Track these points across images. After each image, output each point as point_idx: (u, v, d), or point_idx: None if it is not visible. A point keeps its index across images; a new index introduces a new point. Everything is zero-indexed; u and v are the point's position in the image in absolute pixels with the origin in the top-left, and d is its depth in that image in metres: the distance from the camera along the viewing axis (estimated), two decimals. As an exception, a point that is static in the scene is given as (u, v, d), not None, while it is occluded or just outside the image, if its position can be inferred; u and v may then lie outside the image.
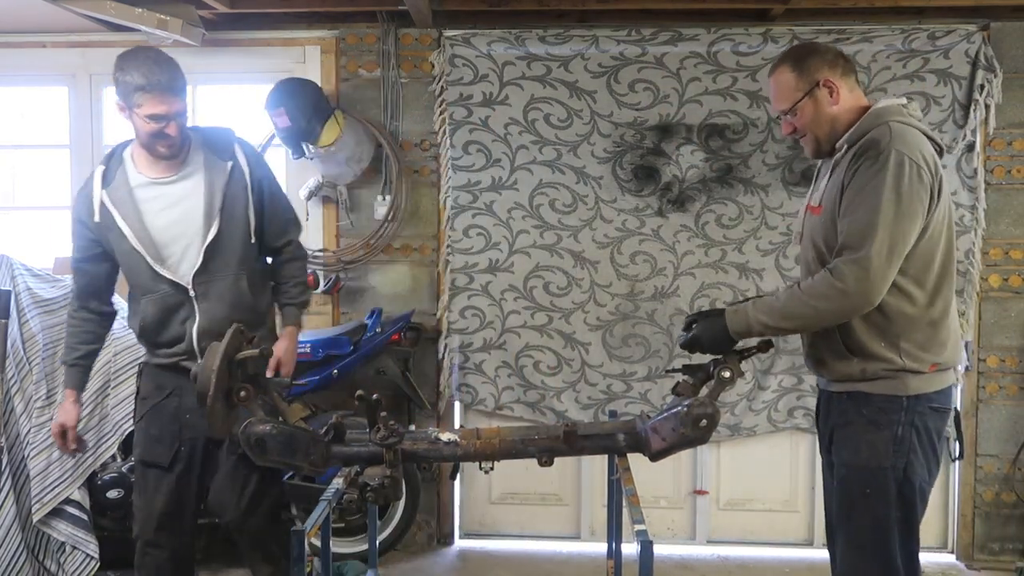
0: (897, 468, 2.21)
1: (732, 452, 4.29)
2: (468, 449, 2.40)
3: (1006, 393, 4.06)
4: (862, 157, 2.16)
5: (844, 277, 2.12)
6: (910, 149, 2.14)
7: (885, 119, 2.21)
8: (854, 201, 2.15)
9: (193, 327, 2.70)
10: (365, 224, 4.22)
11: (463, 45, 4.13)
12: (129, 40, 4.16)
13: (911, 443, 2.21)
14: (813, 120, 2.32)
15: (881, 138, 2.15)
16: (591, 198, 4.16)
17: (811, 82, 2.29)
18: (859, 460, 2.25)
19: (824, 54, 2.34)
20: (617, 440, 2.43)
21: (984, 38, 3.95)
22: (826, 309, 2.16)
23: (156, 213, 2.68)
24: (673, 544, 4.30)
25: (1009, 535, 4.11)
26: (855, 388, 2.27)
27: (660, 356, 4.18)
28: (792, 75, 2.32)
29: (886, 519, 2.22)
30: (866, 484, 2.24)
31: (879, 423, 2.22)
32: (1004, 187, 4.06)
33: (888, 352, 2.21)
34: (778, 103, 2.37)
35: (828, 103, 2.30)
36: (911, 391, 2.21)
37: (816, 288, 2.17)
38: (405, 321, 3.97)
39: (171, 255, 2.69)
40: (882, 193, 2.10)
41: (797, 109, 2.32)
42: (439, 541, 4.33)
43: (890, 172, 2.11)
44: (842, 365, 2.27)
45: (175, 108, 2.59)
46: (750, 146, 4.09)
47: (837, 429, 2.33)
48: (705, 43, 4.06)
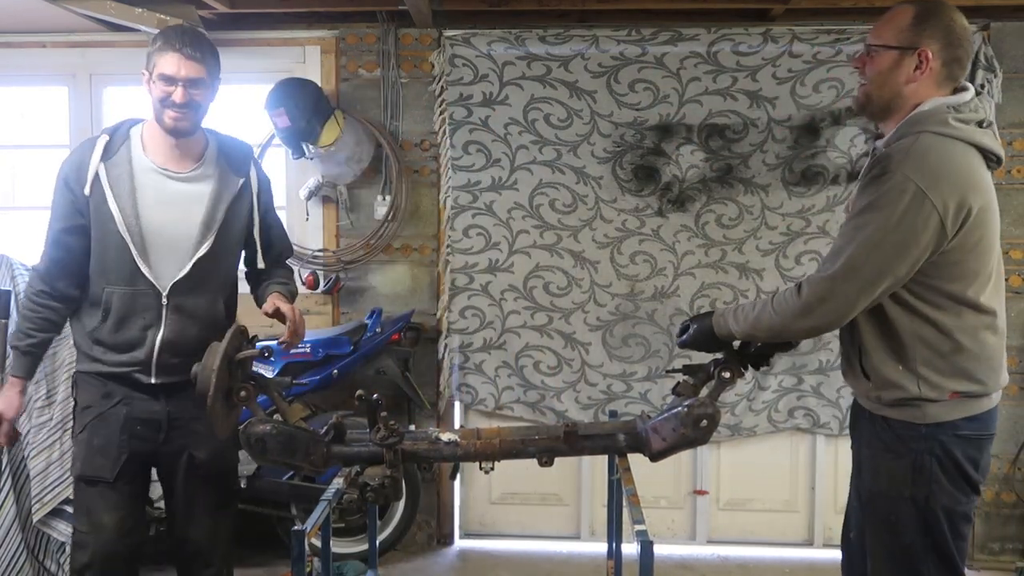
0: (918, 498, 2.07)
1: (732, 452, 4.29)
2: (468, 449, 2.40)
3: (1006, 393, 3.98)
4: (871, 169, 2.03)
5: (805, 293, 2.04)
6: (921, 175, 1.95)
7: (922, 127, 2.02)
8: (848, 218, 2.06)
9: (157, 337, 2.48)
10: (365, 224, 4.22)
11: (463, 45, 4.13)
12: (129, 40, 4.17)
13: (932, 472, 2.05)
14: (880, 75, 2.09)
15: (895, 155, 1.98)
16: (591, 198, 4.16)
17: (913, 41, 2.04)
18: (879, 487, 2.14)
19: (950, 24, 2.06)
20: (617, 440, 2.43)
21: (984, 38, 3.95)
22: (790, 322, 2.08)
23: (153, 206, 2.47)
24: (673, 544, 4.30)
25: (1009, 535, 4.11)
26: (875, 410, 2.16)
27: (660, 356, 4.18)
28: (907, 19, 2.06)
29: (912, 547, 2.09)
30: (888, 512, 2.12)
31: (897, 451, 2.09)
32: (1004, 187, 4.05)
33: (903, 379, 2.06)
34: (876, 33, 2.11)
35: (906, 75, 2.06)
36: (929, 419, 2.05)
37: (781, 300, 2.10)
38: (405, 321, 3.97)
39: (157, 255, 2.47)
40: (872, 216, 1.96)
41: (879, 53, 2.08)
42: (439, 541, 4.33)
43: (887, 196, 1.95)
44: (861, 386, 2.17)
45: (188, 73, 2.40)
46: (750, 146, 4.09)
47: (861, 450, 2.24)
48: (705, 43, 4.06)
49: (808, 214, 4.09)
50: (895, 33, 2.06)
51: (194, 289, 2.51)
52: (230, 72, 4.32)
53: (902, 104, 2.10)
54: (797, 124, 4.05)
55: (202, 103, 2.49)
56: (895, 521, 2.11)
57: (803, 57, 4.03)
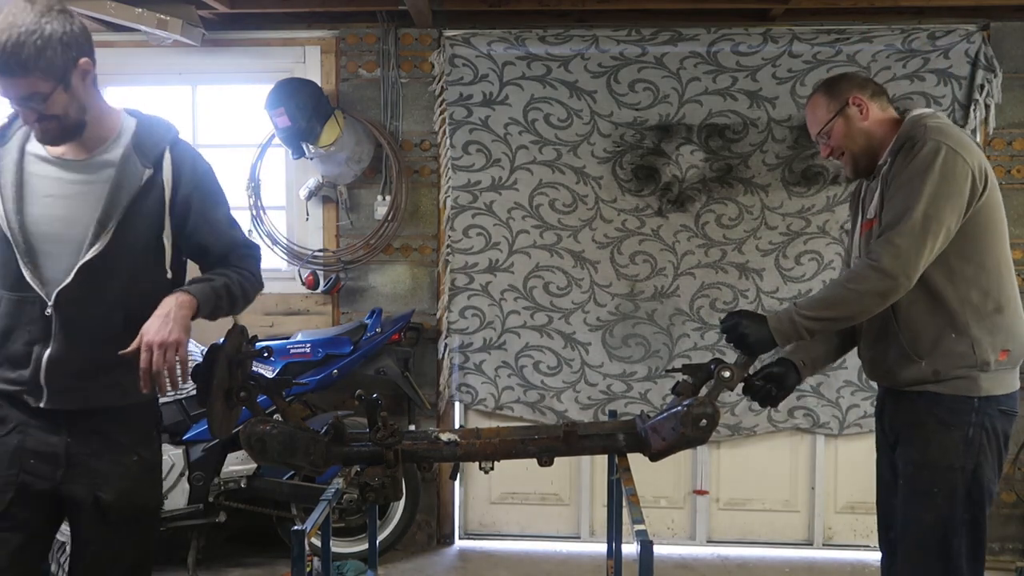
0: (967, 469, 2.21)
1: (732, 452, 4.29)
2: (468, 449, 2.39)
3: (1006, 393, 4.05)
4: (899, 152, 2.24)
5: (878, 256, 2.16)
6: (947, 138, 2.19)
7: (920, 122, 2.28)
8: (895, 194, 2.21)
9: (44, 355, 2.06)
10: (365, 224, 4.22)
11: (463, 45, 4.13)
12: (129, 40, 4.17)
13: (981, 444, 2.21)
14: (846, 136, 2.39)
15: (917, 132, 2.23)
16: (591, 198, 4.16)
17: (841, 102, 2.39)
18: (928, 458, 2.25)
19: (852, 78, 2.47)
20: (617, 440, 2.43)
21: (984, 38, 3.95)
22: (865, 290, 2.17)
23: (40, 199, 2.08)
24: (673, 544, 4.30)
25: (1009, 535, 4.11)
26: (925, 389, 2.26)
27: (660, 356, 4.18)
28: (824, 99, 2.43)
29: (951, 519, 2.22)
30: (933, 483, 2.24)
31: (950, 424, 2.22)
32: (1004, 187, 4.01)
33: (959, 345, 2.21)
34: (813, 127, 2.47)
35: (859, 119, 2.38)
36: (982, 392, 2.21)
37: (853, 272, 2.22)
38: (405, 321, 3.98)
39: (46, 257, 2.07)
40: (917, 177, 2.16)
41: (830, 129, 2.40)
42: (439, 541, 4.33)
43: (926, 158, 2.17)
44: (911, 371, 2.27)
45: (17, 92, 1.97)
46: (750, 146, 4.09)
47: (905, 428, 2.32)
48: (705, 43, 4.06)
49: (808, 214, 4.09)
50: (824, 113, 2.42)
51: (85, 299, 2.07)
52: (230, 72, 4.36)
53: (878, 135, 2.37)
54: (797, 124, 4.05)
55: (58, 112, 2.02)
56: (938, 492, 2.22)
57: (803, 57, 4.03)
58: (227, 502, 3.79)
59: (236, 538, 4.11)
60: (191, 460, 3.77)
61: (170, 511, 3.72)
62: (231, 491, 3.79)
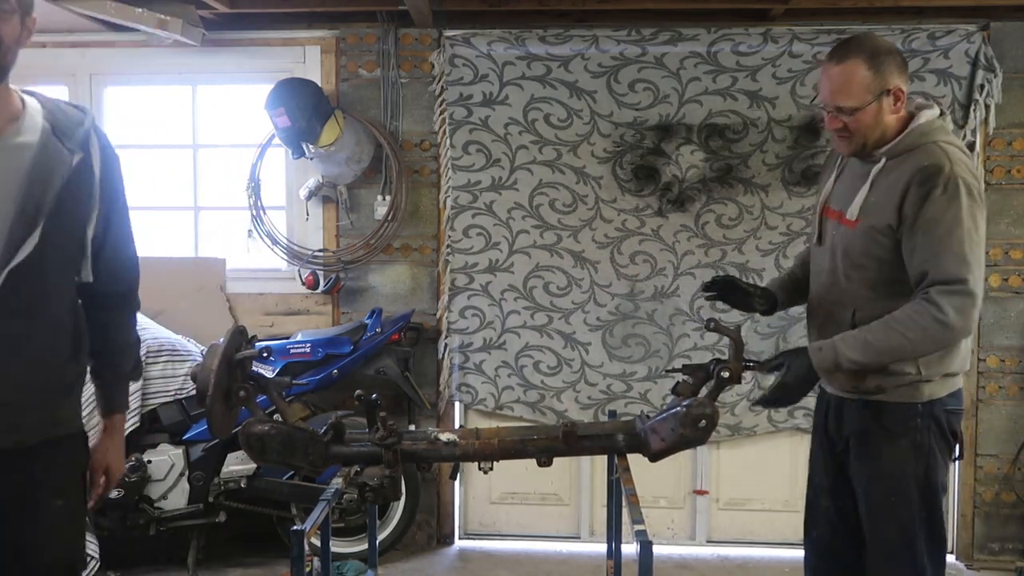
0: (919, 475, 2.22)
1: (732, 452, 4.29)
2: (468, 449, 2.39)
3: (1006, 393, 4.05)
4: (926, 185, 2.10)
5: (945, 309, 2.07)
6: (971, 176, 2.13)
7: (933, 138, 2.17)
8: (935, 233, 2.09)
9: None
10: (365, 224, 4.22)
11: (463, 45, 4.13)
12: (129, 40, 4.18)
13: (930, 447, 2.22)
14: (871, 126, 2.19)
15: (943, 165, 2.10)
16: (591, 198, 4.16)
17: (883, 86, 2.16)
18: (881, 470, 2.25)
19: (898, 56, 2.20)
20: (617, 440, 2.43)
21: (984, 38, 3.95)
22: (923, 341, 2.11)
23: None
24: (673, 544, 4.29)
25: (1009, 535, 4.11)
26: (869, 397, 2.26)
27: (660, 356, 4.18)
28: (867, 73, 2.15)
29: (911, 524, 2.23)
30: (890, 493, 2.24)
31: (897, 433, 2.22)
32: (1004, 187, 4.05)
33: (905, 366, 2.19)
34: (842, 97, 2.17)
35: (890, 111, 2.19)
36: (925, 397, 2.21)
37: (915, 320, 2.11)
38: (405, 321, 3.98)
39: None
40: (962, 223, 2.08)
41: (861, 111, 2.17)
42: (439, 541, 4.33)
43: (964, 201, 2.08)
44: (853, 380, 2.25)
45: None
46: (750, 146, 4.09)
47: (854, 439, 2.32)
48: (705, 43, 4.06)
49: (808, 214, 4.09)
50: (862, 91, 2.16)
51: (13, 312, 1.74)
52: (230, 72, 4.36)
53: (892, 131, 2.22)
54: (797, 124, 4.05)
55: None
56: (896, 500, 2.23)
57: (803, 57, 4.03)
58: (227, 502, 3.79)
59: (236, 538, 4.11)
60: (191, 460, 3.77)
61: (170, 511, 3.73)
62: (231, 491, 3.79)
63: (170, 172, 4.48)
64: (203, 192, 4.42)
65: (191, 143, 4.40)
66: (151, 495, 3.72)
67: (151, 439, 3.79)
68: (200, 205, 4.43)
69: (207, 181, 4.43)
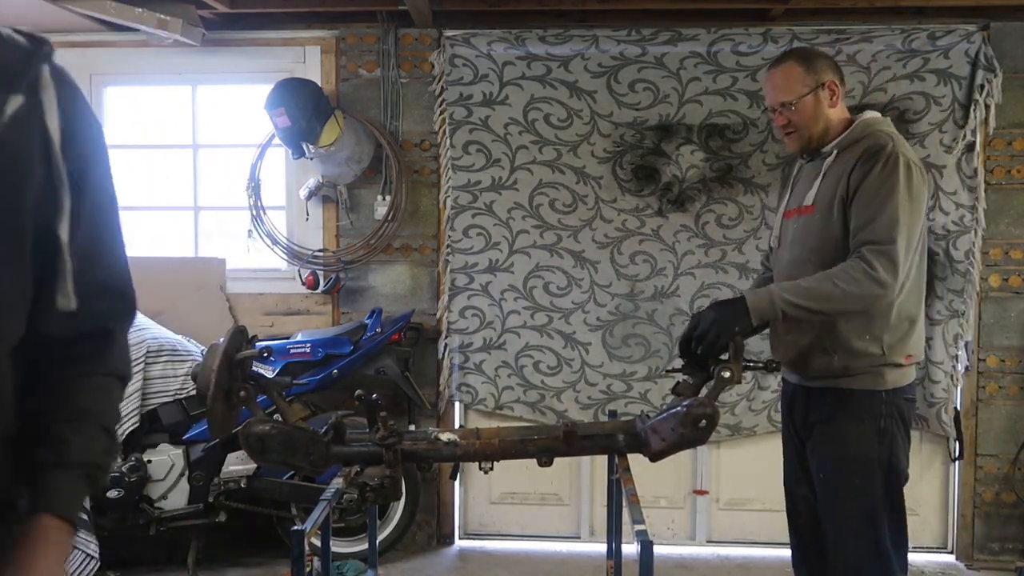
0: (882, 459, 2.34)
1: (732, 452, 4.29)
2: (468, 449, 2.39)
3: (1006, 393, 4.06)
4: (871, 160, 2.28)
5: (875, 266, 2.21)
6: (912, 155, 2.32)
7: (876, 128, 2.38)
8: (872, 201, 2.26)
9: None
10: (365, 224, 4.22)
11: (463, 45, 4.13)
12: (129, 40, 4.18)
13: (893, 433, 2.35)
14: (811, 117, 2.41)
15: (886, 144, 2.29)
16: (591, 198, 4.16)
17: (817, 81, 2.41)
18: (847, 452, 2.36)
19: (829, 58, 2.48)
20: (617, 440, 2.43)
21: (984, 38, 3.95)
22: (855, 292, 2.22)
23: None
24: (673, 544, 4.30)
25: (1009, 535, 4.11)
26: (835, 384, 2.38)
27: (660, 356, 4.18)
28: (800, 70, 2.41)
29: (874, 507, 2.34)
30: (854, 475, 2.35)
31: (863, 417, 2.34)
32: (1004, 187, 4.05)
33: (871, 346, 2.32)
34: (781, 94, 2.43)
35: (827, 104, 2.42)
36: (888, 385, 2.34)
37: (848, 272, 2.24)
38: (405, 321, 3.98)
39: None
40: (898, 193, 2.24)
41: (799, 103, 2.40)
42: (439, 541, 4.33)
43: (901, 174, 2.25)
44: (822, 362, 2.38)
45: None
46: (750, 146, 4.09)
47: (818, 425, 2.43)
48: (705, 43, 4.06)
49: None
50: (797, 85, 2.41)
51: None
52: (230, 72, 4.36)
53: (834, 126, 2.43)
54: (797, 124, 4.05)
55: None
56: (860, 483, 2.35)
57: (803, 57, 4.03)
58: (227, 502, 3.79)
59: (236, 538, 4.11)
60: (191, 460, 3.77)
61: (170, 511, 3.73)
62: (231, 491, 3.79)
63: (170, 172, 4.48)
64: (203, 192, 4.42)
65: (191, 143, 4.40)
66: (151, 495, 3.72)
67: (151, 439, 3.79)
68: (200, 205, 4.43)
69: (207, 181, 4.43)
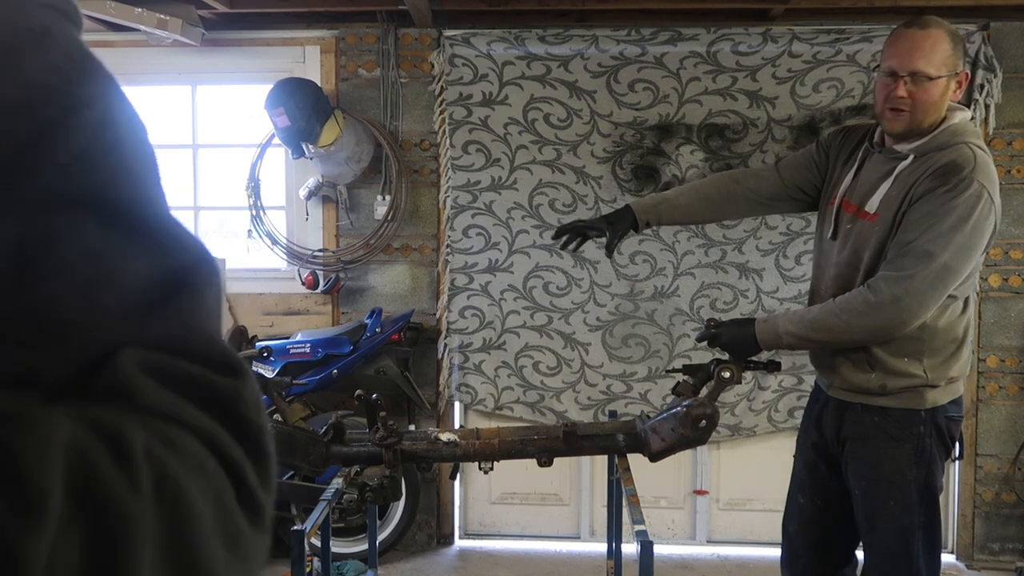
0: (919, 480, 2.23)
1: (732, 452, 4.29)
2: (468, 449, 2.40)
3: (1006, 393, 4.06)
4: (941, 179, 2.08)
5: (881, 293, 2.09)
6: (990, 184, 2.10)
7: (964, 139, 2.15)
8: (920, 221, 2.08)
9: None
10: (365, 224, 4.22)
11: (463, 45, 4.13)
12: (129, 40, 4.17)
13: (932, 453, 2.23)
14: (934, 103, 2.14)
15: (966, 164, 2.09)
16: (591, 198, 4.15)
17: (956, 67, 2.14)
18: (881, 474, 2.26)
19: (965, 50, 2.25)
20: (617, 440, 2.43)
21: (984, 38, 3.95)
22: (858, 325, 2.12)
23: None
24: (673, 544, 4.30)
25: (1009, 535, 4.11)
26: (871, 401, 2.26)
27: (660, 356, 4.18)
28: (948, 47, 2.13)
29: (910, 527, 2.25)
30: (889, 496, 2.26)
31: (900, 437, 2.23)
32: (1004, 187, 4.01)
33: (911, 367, 2.19)
34: (923, 62, 2.11)
35: (951, 96, 2.17)
36: (929, 404, 2.21)
37: (851, 302, 2.14)
38: (405, 321, 3.98)
39: None
40: (951, 221, 2.06)
41: (935, 82, 2.11)
42: (439, 541, 4.33)
43: (968, 204, 2.06)
44: (858, 378, 2.26)
45: None
46: (750, 146, 4.09)
47: (851, 441, 2.32)
48: (705, 43, 4.06)
49: (808, 214, 4.08)
50: (942, 62, 2.12)
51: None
52: (230, 72, 4.36)
53: (934, 122, 2.18)
54: (797, 124, 4.05)
55: None
56: (895, 504, 2.24)
57: (803, 57, 4.03)
58: (227, 502, 3.78)
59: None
60: (191, 460, 3.76)
61: (170, 511, 3.72)
62: (231, 491, 3.79)
63: (170, 172, 4.48)
64: (203, 192, 4.42)
65: (191, 143, 4.40)
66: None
67: (151, 439, 3.78)
68: (200, 205, 4.43)
69: (207, 181, 4.43)
